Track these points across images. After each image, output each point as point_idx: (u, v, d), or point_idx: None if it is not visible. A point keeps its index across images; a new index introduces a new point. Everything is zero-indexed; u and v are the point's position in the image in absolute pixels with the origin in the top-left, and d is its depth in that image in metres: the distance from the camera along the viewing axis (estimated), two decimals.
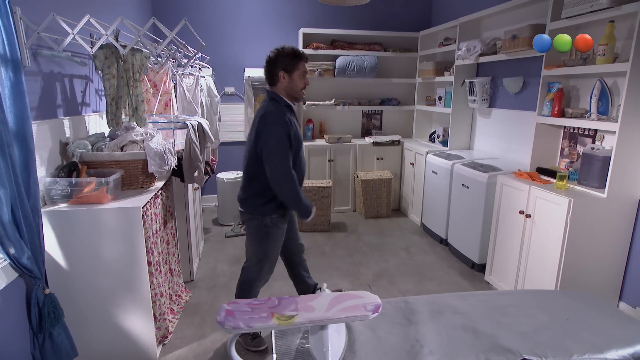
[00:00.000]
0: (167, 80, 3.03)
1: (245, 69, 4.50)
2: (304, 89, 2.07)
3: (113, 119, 2.24)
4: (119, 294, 2.01)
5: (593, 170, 2.42)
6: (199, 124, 2.82)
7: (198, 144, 2.72)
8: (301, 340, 1.35)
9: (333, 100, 4.71)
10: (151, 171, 2.22)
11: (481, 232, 3.09)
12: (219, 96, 4.19)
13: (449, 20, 4.03)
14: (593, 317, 1.56)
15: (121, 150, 2.22)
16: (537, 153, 2.87)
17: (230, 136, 4.74)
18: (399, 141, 4.67)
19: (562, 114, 2.66)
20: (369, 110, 5.02)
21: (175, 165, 2.45)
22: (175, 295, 2.66)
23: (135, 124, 2.32)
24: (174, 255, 2.69)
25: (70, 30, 1.91)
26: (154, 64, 2.90)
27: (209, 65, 4.19)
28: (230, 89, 4.67)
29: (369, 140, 4.67)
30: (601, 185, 2.36)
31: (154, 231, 2.21)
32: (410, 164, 4.44)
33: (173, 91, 3.18)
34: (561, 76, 2.71)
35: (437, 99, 4.35)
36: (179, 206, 2.87)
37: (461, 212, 3.38)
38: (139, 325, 2.07)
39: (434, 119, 4.82)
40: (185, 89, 3.42)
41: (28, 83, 1.79)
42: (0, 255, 1.56)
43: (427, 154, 3.97)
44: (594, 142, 2.59)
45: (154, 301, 2.16)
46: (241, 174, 4.30)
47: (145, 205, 2.05)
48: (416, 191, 4.35)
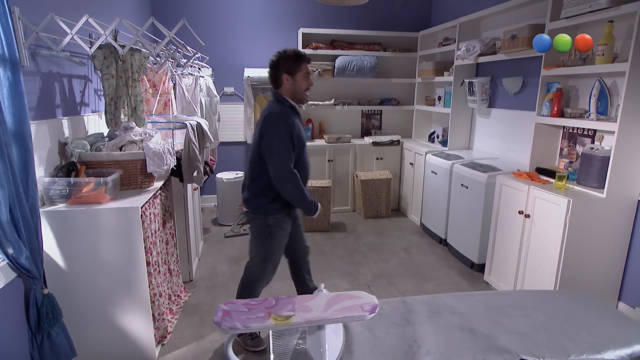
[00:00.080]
0: (167, 80, 3.04)
1: (245, 69, 4.50)
2: (308, 89, 2.08)
3: (112, 119, 2.24)
4: (118, 294, 2.01)
5: (592, 170, 2.42)
6: (198, 124, 2.82)
7: (197, 144, 2.72)
8: (299, 341, 1.35)
9: (332, 100, 4.71)
10: (150, 171, 2.22)
11: (480, 232, 3.09)
12: (218, 96, 4.19)
13: (449, 20, 4.03)
14: (591, 318, 1.55)
15: (120, 150, 2.22)
16: (537, 153, 2.87)
17: (230, 136, 4.74)
18: (398, 141, 4.67)
19: (562, 114, 2.65)
20: (368, 110, 5.02)
21: (174, 165, 2.46)
22: (174, 296, 2.66)
23: (134, 124, 2.32)
24: (173, 255, 2.69)
25: (68, 30, 1.90)
26: (153, 64, 2.91)
27: (208, 65, 4.19)
28: (229, 89, 4.67)
29: (368, 140, 4.67)
30: (600, 185, 2.36)
31: (152, 231, 2.21)
32: (410, 164, 4.44)
33: (172, 91, 3.18)
34: (560, 76, 2.71)
35: (437, 99, 4.35)
36: (178, 206, 2.87)
37: (460, 212, 3.38)
38: (138, 325, 2.07)
39: (434, 119, 4.82)
40: (185, 89, 3.42)
41: (26, 83, 1.79)
42: None
43: (427, 154, 3.97)
44: (593, 142, 2.59)
45: (153, 301, 2.16)
46: (241, 174, 4.36)
47: (144, 205, 2.05)
48: (415, 191, 4.35)
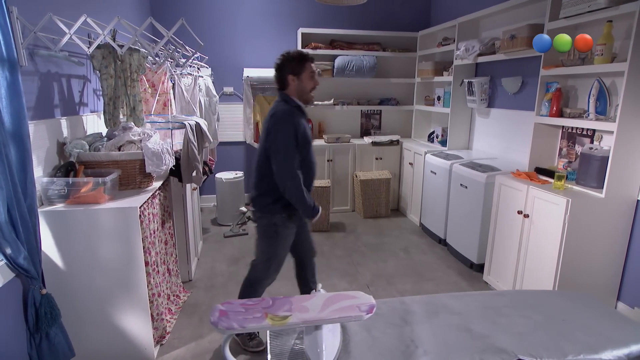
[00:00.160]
0: (166, 80, 3.04)
1: (244, 69, 4.50)
2: (314, 89, 2.09)
3: (111, 119, 2.24)
4: (116, 294, 2.01)
5: (591, 170, 2.42)
6: (197, 124, 2.82)
7: (196, 144, 2.72)
8: (296, 341, 1.35)
9: (332, 100, 4.71)
10: (149, 171, 2.22)
11: (480, 232, 3.08)
12: (218, 96, 4.19)
13: (448, 20, 4.02)
14: (589, 318, 1.55)
15: (119, 150, 2.22)
16: (536, 153, 2.87)
17: (229, 136, 4.74)
18: (397, 141, 4.67)
19: (561, 114, 2.65)
20: (367, 110, 5.02)
21: (173, 165, 2.46)
22: (173, 296, 2.66)
23: (132, 124, 2.32)
24: (172, 255, 2.69)
25: (67, 30, 1.90)
26: (152, 63, 2.91)
27: (207, 65, 4.19)
28: (229, 89, 4.66)
29: (367, 140, 4.67)
30: (599, 185, 2.35)
31: (151, 231, 2.21)
32: (409, 164, 4.43)
33: (171, 91, 3.18)
34: (559, 76, 2.70)
35: (436, 99, 4.35)
36: (177, 206, 2.87)
37: (460, 212, 3.38)
38: (137, 325, 2.07)
39: (433, 119, 4.81)
40: (184, 89, 3.42)
41: (25, 83, 1.79)
42: None
43: (426, 154, 3.97)
44: (592, 142, 2.59)
45: (152, 301, 2.16)
46: (240, 174, 4.36)
47: (142, 205, 2.05)
48: (415, 191, 4.35)
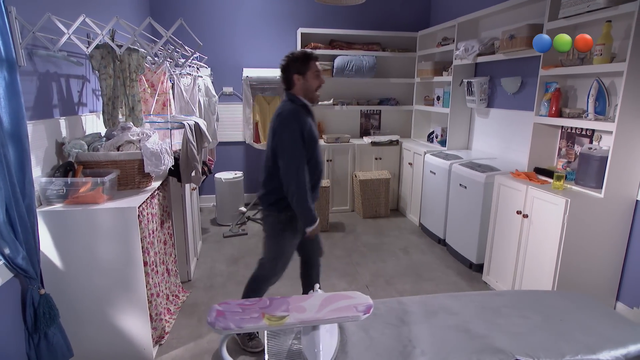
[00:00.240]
0: (165, 80, 3.04)
1: (244, 69, 4.50)
2: (320, 87, 2.10)
3: (109, 119, 2.24)
4: (115, 294, 2.01)
5: (590, 170, 2.41)
6: (196, 124, 2.82)
7: (195, 144, 2.72)
8: (293, 341, 1.35)
9: (331, 100, 4.71)
10: (147, 171, 2.22)
11: (479, 232, 3.08)
12: (217, 96, 4.19)
13: (448, 20, 4.02)
14: (587, 318, 1.55)
15: (117, 150, 2.22)
16: (535, 153, 2.86)
17: (229, 136, 4.74)
18: (397, 141, 4.66)
19: (560, 114, 2.65)
20: (367, 110, 5.02)
21: (172, 165, 2.46)
22: (172, 296, 2.66)
23: (131, 123, 2.32)
24: (171, 255, 2.69)
25: (65, 30, 1.90)
26: (152, 63, 2.90)
27: (207, 65, 4.19)
28: (228, 89, 4.66)
29: (367, 140, 4.66)
30: (598, 186, 2.35)
31: (150, 231, 2.21)
32: (409, 164, 4.43)
33: (170, 91, 3.18)
34: (558, 76, 2.70)
35: (436, 99, 4.35)
36: (176, 206, 2.87)
37: (459, 212, 3.38)
38: (135, 325, 2.07)
39: (433, 119, 4.81)
40: (183, 89, 3.42)
41: (23, 83, 1.79)
42: None
43: (426, 154, 3.97)
44: (591, 142, 2.59)
45: (150, 301, 2.16)
46: (240, 174, 4.36)
47: (141, 205, 2.05)
48: (414, 191, 4.35)
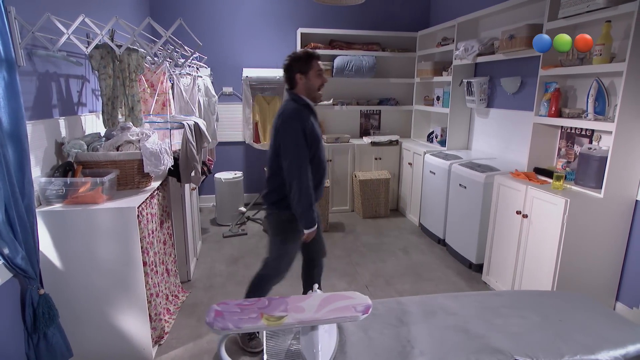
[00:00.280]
0: (164, 80, 3.04)
1: (243, 69, 4.49)
2: (322, 86, 2.13)
3: (109, 119, 2.24)
4: (114, 294, 2.01)
5: (590, 170, 2.41)
6: (196, 124, 2.82)
7: (195, 144, 2.72)
8: (292, 341, 1.35)
9: (331, 100, 4.70)
10: (147, 171, 2.22)
11: (478, 232, 3.08)
12: (217, 96, 4.19)
13: (447, 20, 4.02)
14: (586, 318, 1.55)
15: (117, 150, 2.22)
16: (535, 153, 2.86)
17: (228, 136, 4.74)
18: (397, 141, 4.66)
19: (559, 114, 2.65)
20: (367, 110, 5.02)
21: (172, 165, 2.46)
22: (172, 296, 2.66)
23: (131, 124, 2.32)
24: (170, 255, 2.69)
25: (65, 30, 1.91)
26: (151, 63, 2.90)
27: (206, 65, 4.19)
28: (228, 89, 4.66)
29: (367, 140, 4.66)
30: (598, 186, 2.35)
31: (149, 231, 2.21)
32: (409, 164, 4.43)
33: (170, 91, 3.18)
34: (558, 76, 2.70)
35: (435, 99, 4.35)
36: (176, 206, 2.87)
37: (459, 212, 3.38)
38: (135, 325, 2.07)
39: (432, 119, 4.81)
40: (183, 89, 3.42)
41: (23, 83, 1.79)
42: None
43: (425, 154, 3.97)
44: (590, 142, 2.59)
45: (150, 301, 2.16)
46: (239, 174, 4.36)
47: (140, 205, 2.05)
48: (414, 191, 4.35)
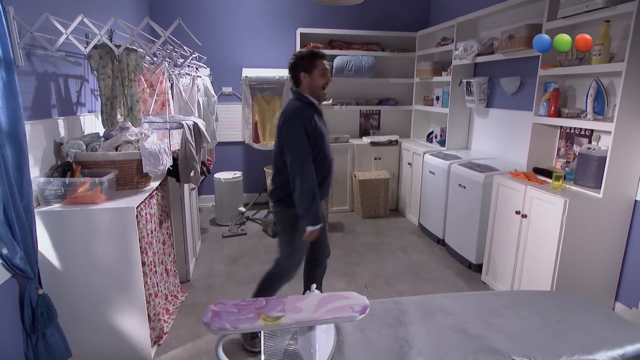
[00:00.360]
0: (164, 80, 3.03)
1: (243, 69, 4.50)
2: (326, 85, 2.13)
3: (108, 119, 2.24)
4: (113, 294, 2.01)
5: (589, 170, 2.41)
6: (195, 124, 2.82)
7: (194, 144, 2.72)
8: (290, 341, 1.35)
9: (331, 100, 4.70)
10: (146, 171, 2.22)
11: (478, 232, 3.08)
12: (216, 96, 4.19)
13: (447, 20, 4.02)
14: (584, 318, 1.55)
15: (116, 150, 2.22)
16: (534, 153, 2.86)
17: (228, 136, 4.74)
18: (396, 141, 4.66)
19: (559, 114, 2.65)
20: (366, 110, 5.02)
21: (171, 166, 2.46)
22: (171, 296, 2.66)
23: (130, 124, 2.32)
24: (169, 255, 2.69)
25: (63, 30, 1.91)
26: (150, 63, 2.90)
27: (206, 65, 4.19)
28: (227, 89, 4.66)
29: (366, 140, 4.66)
30: (597, 186, 2.35)
31: (148, 231, 2.21)
32: (408, 164, 4.43)
33: (169, 91, 3.18)
34: (557, 76, 2.70)
35: (435, 99, 4.35)
36: (175, 206, 2.87)
37: (458, 212, 3.37)
38: (134, 325, 2.07)
39: (432, 119, 4.81)
40: (182, 89, 3.42)
41: (22, 83, 1.79)
42: None
43: (425, 154, 3.97)
44: (590, 142, 2.59)
45: (149, 301, 2.16)
46: (239, 174, 4.36)
47: (139, 205, 2.05)
48: (414, 191, 4.35)
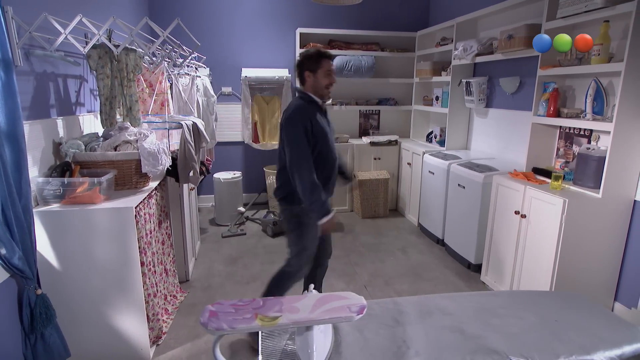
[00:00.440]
0: (163, 80, 3.03)
1: (242, 69, 4.50)
2: (330, 85, 2.13)
3: (107, 119, 2.23)
4: (112, 294, 2.01)
5: (588, 170, 2.41)
6: (194, 124, 2.82)
7: (193, 144, 2.72)
8: (287, 342, 1.35)
9: (330, 101, 4.70)
10: (145, 171, 2.22)
11: (477, 233, 3.08)
12: (216, 96, 4.19)
13: (446, 20, 4.02)
14: (582, 319, 1.55)
15: (115, 150, 2.22)
16: (533, 153, 2.86)
17: (227, 136, 4.73)
18: (396, 141, 4.66)
19: (558, 114, 2.65)
20: (366, 110, 5.02)
21: (170, 165, 2.46)
22: (170, 296, 2.66)
23: (129, 124, 2.32)
24: (169, 255, 2.69)
25: (62, 30, 1.91)
26: (150, 63, 2.90)
27: (205, 65, 4.19)
28: (227, 89, 4.66)
29: (366, 140, 4.66)
30: (596, 186, 2.35)
31: (147, 231, 2.21)
32: (408, 164, 4.43)
33: (169, 91, 3.18)
34: (556, 76, 2.70)
35: (435, 99, 4.35)
36: (174, 206, 2.87)
37: (457, 213, 3.37)
38: (132, 325, 2.07)
39: (431, 119, 4.81)
40: (181, 89, 3.42)
41: (20, 83, 1.79)
42: None
43: (424, 154, 3.96)
44: (589, 142, 2.58)
45: (147, 301, 2.16)
46: (238, 174, 4.36)
47: (138, 205, 2.05)
48: (413, 191, 4.34)
